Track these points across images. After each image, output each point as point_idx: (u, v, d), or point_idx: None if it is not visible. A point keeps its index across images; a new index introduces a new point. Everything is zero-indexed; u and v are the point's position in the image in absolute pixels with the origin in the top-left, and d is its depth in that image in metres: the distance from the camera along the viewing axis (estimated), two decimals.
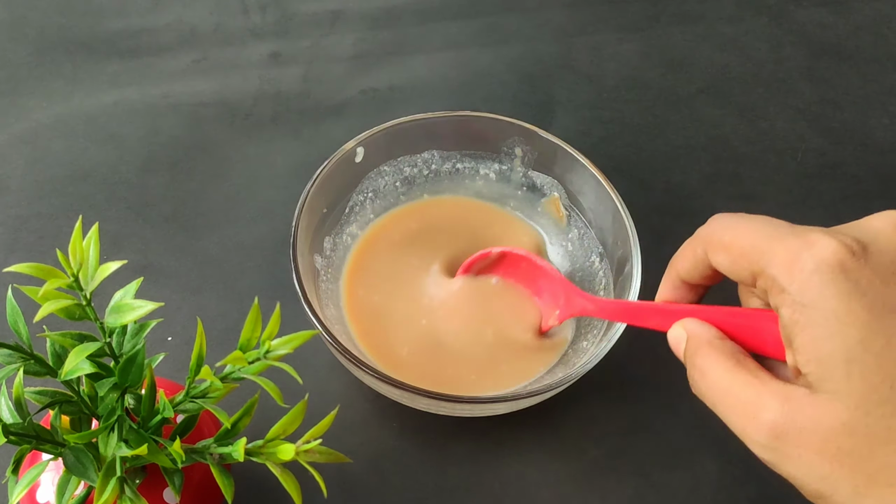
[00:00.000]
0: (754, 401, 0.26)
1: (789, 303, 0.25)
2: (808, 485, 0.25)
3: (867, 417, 0.23)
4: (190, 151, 0.55)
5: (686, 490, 0.43)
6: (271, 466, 0.28)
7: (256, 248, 0.50)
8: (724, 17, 0.66)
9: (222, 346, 0.45)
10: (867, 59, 0.63)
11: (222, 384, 0.29)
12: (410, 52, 0.62)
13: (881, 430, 0.23)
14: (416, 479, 0.42)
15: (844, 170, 0.57)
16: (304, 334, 0.28)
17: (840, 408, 0.23)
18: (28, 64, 0.59)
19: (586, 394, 0.45)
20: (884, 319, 0.23)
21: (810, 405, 0.24)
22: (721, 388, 0.27)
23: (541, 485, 0.43)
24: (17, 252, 0.49)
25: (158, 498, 0.32)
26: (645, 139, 0.58)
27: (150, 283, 0.48)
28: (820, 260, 0.24)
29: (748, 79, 0.62)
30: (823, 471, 0.24)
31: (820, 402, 0.24)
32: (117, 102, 0.57)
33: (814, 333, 0.24)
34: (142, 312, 0.27)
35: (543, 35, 0.64)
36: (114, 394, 0.29)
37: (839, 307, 0.23)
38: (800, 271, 0.24)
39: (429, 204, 0.50)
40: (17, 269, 0.26)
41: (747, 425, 0.26)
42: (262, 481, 0.41)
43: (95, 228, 0.28)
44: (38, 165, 0.53)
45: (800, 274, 0.24)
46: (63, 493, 0.28)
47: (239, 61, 0.60)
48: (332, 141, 0.55)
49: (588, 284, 0.47)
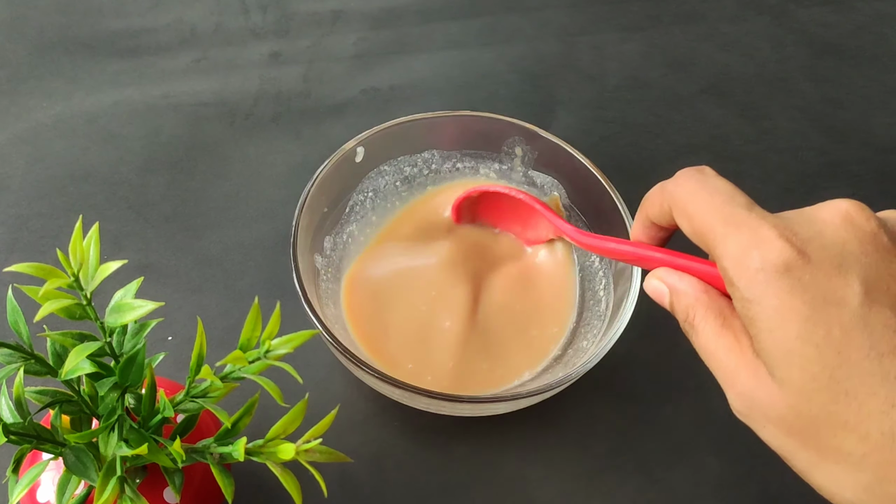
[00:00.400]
0: (733, 369, 0.27)
1: (738, 297, 0.26)
2: (776, 449, 0.27)
3: (810, 404, 0.25)
4: (190, 151, 0.55)
5: (688, 487, 0.43)
6: (271, 466, 0.28)
7: (257, 247, 0.50)
8: (726, 16, 0.66)
9: (222, 345, 0.45)
10: (869, 58, 0.63)
11: (222, 384, 0.29)
12: (411, 52, 0.62)
13: (823, 415, 0.25)
14: (417, 478, 0.42)
15: (846, 169, 0.57)
16: (305, 334, 0.28)
17: (787, 394, 0.25)
18: (28, 63, 0.59)
19: (587, 393, 0.45)
20: (824, 312, 0.25)
21: (767, 386, 0.26)
22: (710, 350, 0.29)
23: (542, 483, 0.42)
24: (18, 252, 0.49)
25: (159, 497, 0.32)
26: (646, 139, 0.58)
27: (151, 282, 0.48)
28: (765, 260, 0.26)
29: (750, 78, 0.62)
30: (782, 441, 0.26)
31: (774, 384, 0.26)
32: (118, 102, 0.57)
33: (760, 327, 0.26)
34: (142, 312, 0.27)
35: (545, 35, 0.64)
36: (114, 393, 0.29)
37: (780, 304, 0.25)
38: (746, 269, 0.26)
39: (430, 197, 0.50)
40: (18, 269, 0.26)
41: (728, 390, 0.28)
42: (263, 481, 0.41)
43: (96, 228, 0.28)
44: (38, 165, 0.53)
45: (746, 271, 0.26)
46: (63, 492, 0.28)
47: (239, 61, 0.60)
48: (332, 141, 0.55)
49: (588, 284, 0.47)
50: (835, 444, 0.25)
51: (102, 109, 0.57)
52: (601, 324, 0.43)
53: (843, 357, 0.24)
